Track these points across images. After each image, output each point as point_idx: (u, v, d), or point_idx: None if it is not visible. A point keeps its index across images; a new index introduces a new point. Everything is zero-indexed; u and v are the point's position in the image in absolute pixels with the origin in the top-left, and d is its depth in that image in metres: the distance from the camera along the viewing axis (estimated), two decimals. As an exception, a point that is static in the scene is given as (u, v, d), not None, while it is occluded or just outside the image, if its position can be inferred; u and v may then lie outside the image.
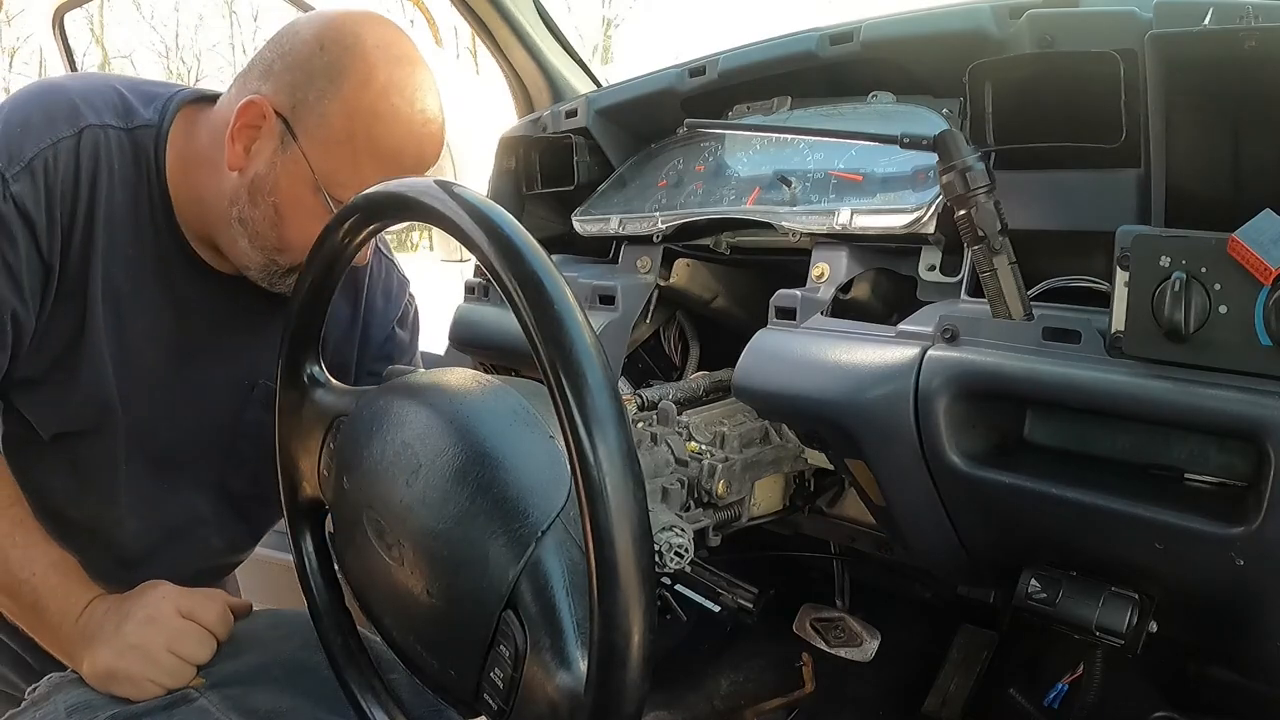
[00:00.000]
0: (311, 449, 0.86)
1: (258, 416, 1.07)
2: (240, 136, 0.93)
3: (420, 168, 0.96)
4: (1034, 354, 0.77)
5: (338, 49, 0.92)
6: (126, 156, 0.95)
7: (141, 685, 0.88)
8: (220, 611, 0.95)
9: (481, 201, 0.61)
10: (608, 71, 1.73)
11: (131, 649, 0.88)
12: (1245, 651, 0.81)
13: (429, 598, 0.69)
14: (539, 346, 0.54)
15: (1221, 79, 0.73)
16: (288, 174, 0.93)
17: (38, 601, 0.92)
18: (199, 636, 0.92)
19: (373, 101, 0.91)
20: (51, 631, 0.92)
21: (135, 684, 0.88)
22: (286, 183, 0.93)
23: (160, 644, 0.89)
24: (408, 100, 0.92)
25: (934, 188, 0.93)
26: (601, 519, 0.52)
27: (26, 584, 0.92)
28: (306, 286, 0.83)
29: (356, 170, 0.92)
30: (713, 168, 1.21)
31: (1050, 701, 1.11)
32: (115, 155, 0.94)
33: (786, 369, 0.92)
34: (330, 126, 0.91)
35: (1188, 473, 0.76)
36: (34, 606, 0.92)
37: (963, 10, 0.96)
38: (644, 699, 0.55)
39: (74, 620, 0.91)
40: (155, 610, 0.91)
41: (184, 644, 0.90)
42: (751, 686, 1.51)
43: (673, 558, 0.84)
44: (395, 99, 0.92)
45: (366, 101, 0.91)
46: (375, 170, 0.92)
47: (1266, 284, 0.64)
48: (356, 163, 0.92)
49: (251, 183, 0.94)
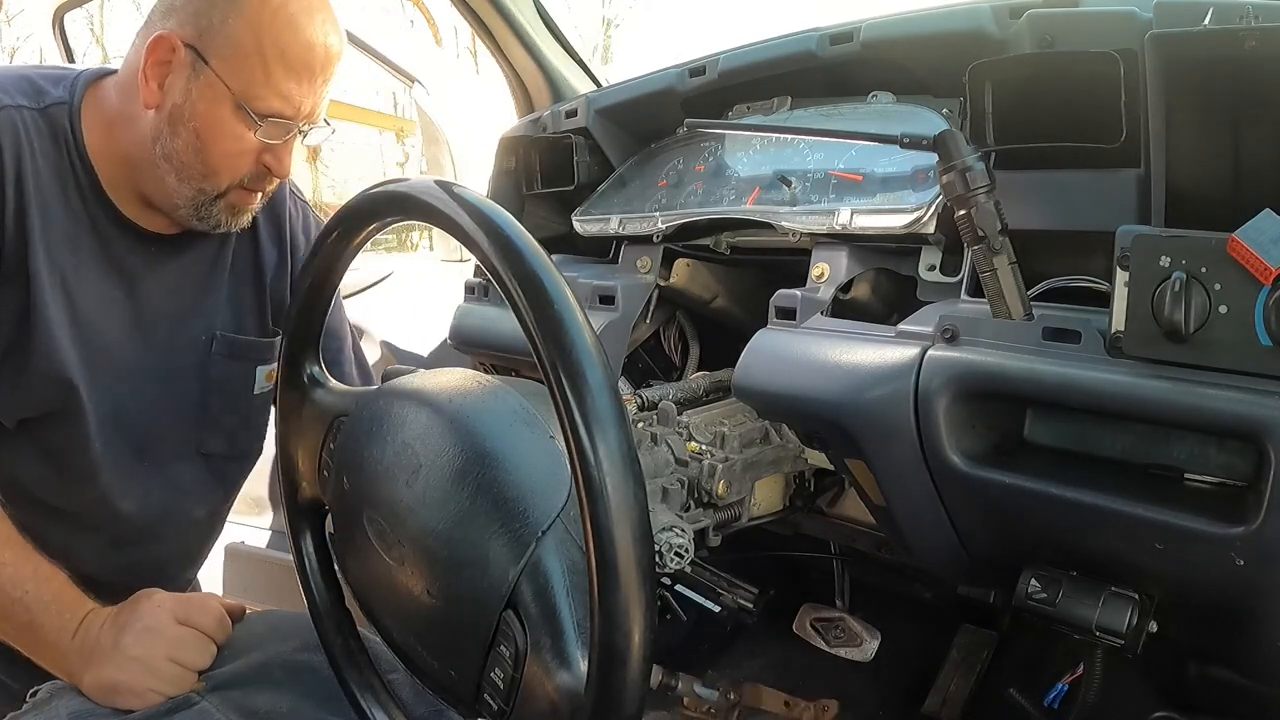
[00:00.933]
0: (312, 449, 0.86)
1: (222, 370, 1.11)
2: (153, 74, 0.97)
3: (329, 65, 1.00)
4: (1034, 354, 0.77)
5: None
6: (44, 134, 0.98)
7: (144, 696, 0.88)
8: (217, 615, 0.95)
9: (481, 201, 0.61)
10: (608, 71, 1.73)
11: (132, 660, 0.88)
12: (1245, 651, 0.81)
13: (429, 598, 0.69)
14: (539, 346, 0.54)
15: (1221, 79, 0.73)
16: (204, 98, 0.96)
17: (32, 620, 0.91)
18: (198, 643, 0.92)
19: (274, 13, 0.96)
20: (49, 649, 0.92)
21: (138, 695, 0.88)
22: (204, 106, 0.97)
23: (160, 653, 0.89)
24: (308, 9, 0.98)
25: (934, 188, 0.93)
26: (602, 519, 0.52)
27: (19, 603, 0.91)
28: (306, 287, 0.83)
29: (269, 79, 0.97)
30: (713, 168, 1.21)
31: (1050, 701, 1.11)
32: (34, 134, 0.97)
33: (786, 369, 0.92)
34: (238, 44, 0.96)
35: (1188, 473, 0.76)
36: (29, 625, 0.91)
37: (963, 10, 0.96)
38: (644, 699, 0.55)
39: (70, 636, 0.90)
40: (152, 620, 0.91)
41: (184, 651, 0.91)
42: (751, 687, 1.50)
43: (673, 558, 0.84)
44: (295, 8, 0.97)
45: (267, 14, 0.96)
46: (287, 76, 0.97)
47: (1266, 284, 0.64)
48: (269, 72, 0.96)
49: (170, 115, 0.97)
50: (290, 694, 0.93)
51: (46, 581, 0.93)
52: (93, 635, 0.90)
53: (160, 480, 1.11)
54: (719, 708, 1.38)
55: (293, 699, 0.93)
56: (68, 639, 0.90)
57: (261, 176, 1.02)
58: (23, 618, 0.91)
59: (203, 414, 1.12)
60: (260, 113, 0.97)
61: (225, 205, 1.02)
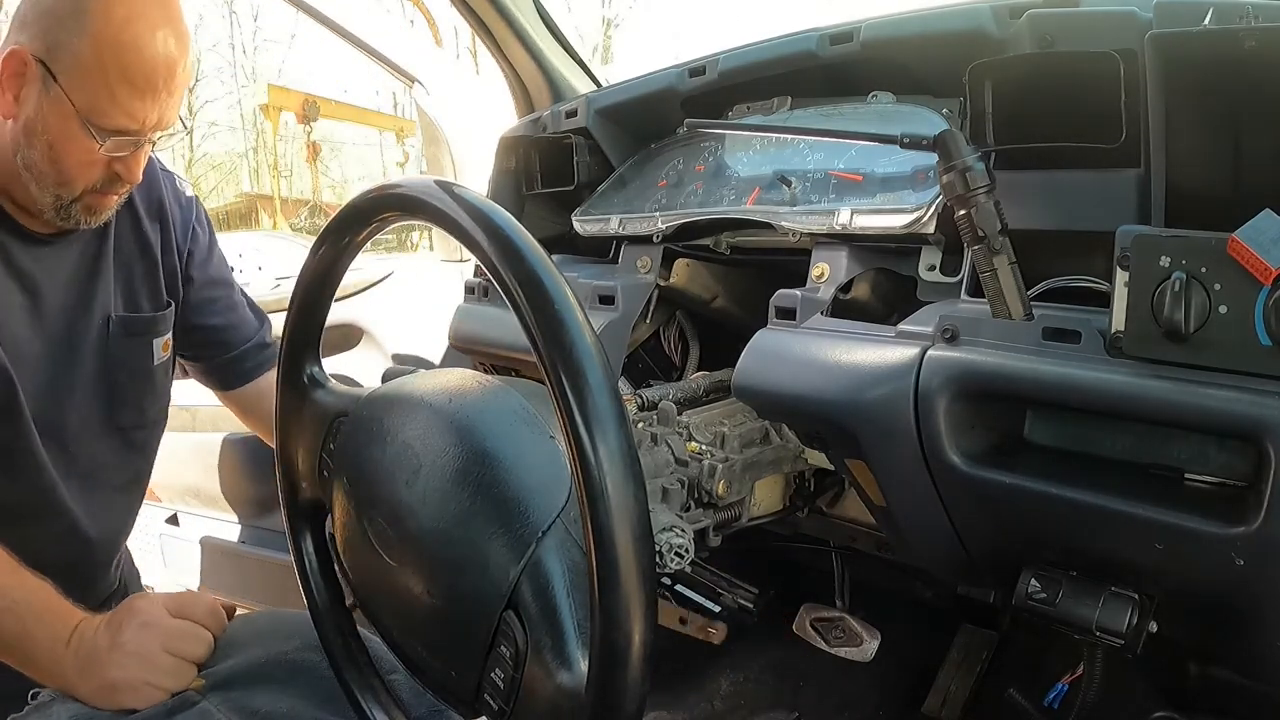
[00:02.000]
0: (311, 449, 0.86)
1: (121, 348, 1.19)
2: (9, 86, 1.00)
3: (173, 76, 1.02)
4: (1034, 354, 0.77)
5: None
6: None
7: (144, 692, 0.88)
8: (210, 606, 0.96)
9: (482, 201, 0.61)
10: (608, 71, 1.73)
11: (130, 657, 0.88)
12: (1245, 651, 0.81)
13: (429, 598, 0.69)
14: (539, 346, 0.54)
15: (1221, 79, 0.73)
16: (54, 113, 0.99)
17: (25, 630, 0.91)
18: (195, 633, 0.92)
19: (116, 33, 0.97)
20: (44, 659, 0.91)
21: (137, 691, 0.88)
22: (54, 120, 1.00)
23: (157, 646, 0.89)
24: (150, 27, 0.99)
25: (934, 188, 0.93)
26: (602, 519, 0.52)
27: (9, 612, 0.91)
28: (306, 288, 0.83)
29: (114, 98, 0.99)
30: (713, 168, 1.21)
31: (1050, 701, 1.11)
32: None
33: (786, 369, 0.92)
34: (83, 62, 0.98)
35: (1188, 473, 0.76)
36: (21, 636, 0.91)
37: (963, 10, 0.96)
38: (644, 699, 0.55)
39: (64, 644, 0.90)
40: (146, 616, 0.91)
41: (181, 643, 0.91)
42: (751, 686, 1.51)
43: (673, 558, 0.84)
44: (138, 26, 0.98)
45: (110, 34, 0.97)
46: (131, 95, 0.99)
47: (1266, 284, 0.64)
48: (112, 92, 0.99)
49: (25, 127, 1.01)
50: (290, 694, 0.93)
51: (34, 593, 0.93)
52: (88, 640, 0.90)
53: (86, 460, 1.18)
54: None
55: (293, 699, 0.93)
56: (62, 647, 0.90)
57: (114, 180, 1.06)
58: (14, 628, 0.91)
59: (114, 390, 1.19)
60: (105, 129, 1.00)
61: (82, 207, 1.06)
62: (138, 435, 1.25)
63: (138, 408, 1.23)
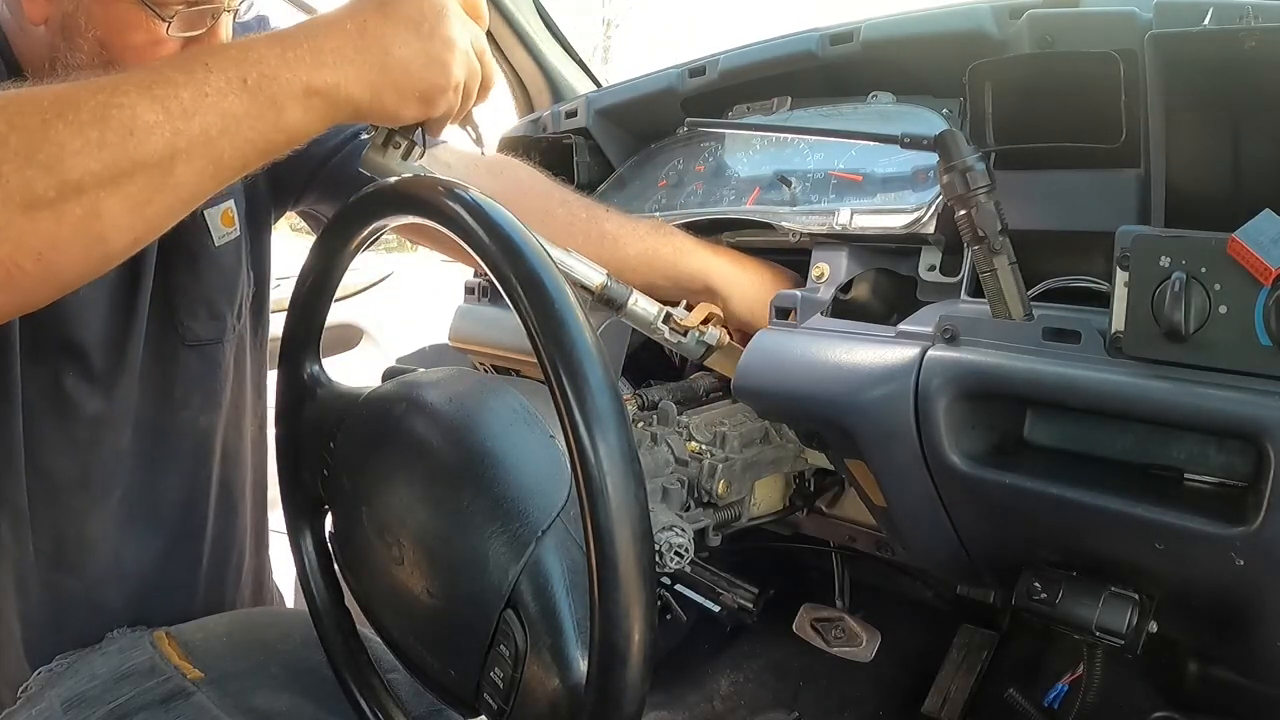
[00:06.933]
0: (312, 449, 0.86)
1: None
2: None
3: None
4: (1034, 354, 0.77)
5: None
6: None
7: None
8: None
9: (482, 201, 0.61)
10: (608, 71, 1.73)
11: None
12: (1245, 651, 0.81)
13: (429, 597, 0.69)
14: (540, 346, 0.54)
15: (1221, 79, 0.73)
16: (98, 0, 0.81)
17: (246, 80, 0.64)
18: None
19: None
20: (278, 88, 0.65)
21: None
22: (101, 7, 0.82)
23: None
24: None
25: (934, 188, 0.93)
26: (602, 518, 0.52)
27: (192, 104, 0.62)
28: (306, 287, 0.83)
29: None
30: (713, 168, 1.21)
31: (1050, 701, 1.11)
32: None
33: (786, 369, 0.92)
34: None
35: (1188, 473, 0.76)
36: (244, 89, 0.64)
37: (963, 10, 0.96)
38: (644, 699, 0.55)
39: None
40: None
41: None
42: (751, 686, 1.51)
43: (673, 558, 0.84)
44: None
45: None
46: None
47: (1266, 284, 0.64)
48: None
49: (64, 27, 0.82)
50: (289, 692, 0.93)
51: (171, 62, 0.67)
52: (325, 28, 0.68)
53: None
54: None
55: (291, 697, 0.93)
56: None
57: None
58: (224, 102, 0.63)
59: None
60: (165, 3, 0.81)
61: None
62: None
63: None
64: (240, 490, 1.12)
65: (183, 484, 1.04)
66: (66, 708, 0.87)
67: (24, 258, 0.57)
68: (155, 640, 0.96)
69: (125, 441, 0.98)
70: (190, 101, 0.61)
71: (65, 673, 0.91)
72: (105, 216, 0.59)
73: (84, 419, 0.94)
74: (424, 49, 0.70)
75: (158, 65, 0.64)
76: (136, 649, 0.95)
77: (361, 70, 0.68)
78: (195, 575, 1.07)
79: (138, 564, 1.00)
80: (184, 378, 1.02)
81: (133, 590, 1.00)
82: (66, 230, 0.58)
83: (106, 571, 0.98)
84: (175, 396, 1.02)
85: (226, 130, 0.62)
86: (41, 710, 0.88)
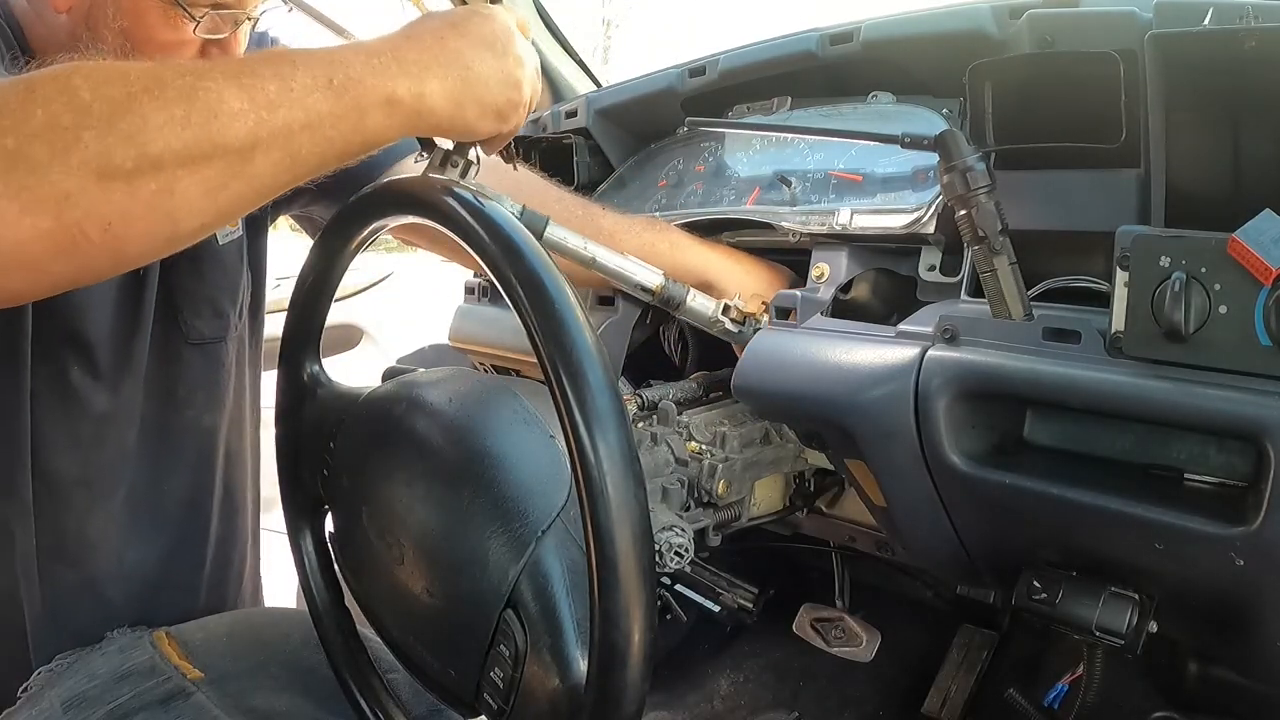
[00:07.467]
0: (312, 449, 0.86)
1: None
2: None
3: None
4: (1034, 354, 0.77)
5: None
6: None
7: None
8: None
9: (482, 201, 0.61)
10: (608, 71, 1.73)
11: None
12: (1245, 651, 0.81)
13: (429, 597, 0.69)
14: (540, 346, 0.54)
15: (1221, 79, 0.73)
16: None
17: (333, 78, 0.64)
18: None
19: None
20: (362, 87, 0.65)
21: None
22: (129, 1, 0.82)
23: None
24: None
25: (934, 188, 0.93)
26: (602, 518, 0.52)
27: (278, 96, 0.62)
28: (306, 287, 0.83)
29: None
30: (713, 168, 1.21)
31: (1050, 701, 1.11)
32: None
33: (786, 369, 0.92)
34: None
35: (1188, 473, 0.76)
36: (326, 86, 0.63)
37: (963, 10, 0.96)
38: (644, 699, 0.55)
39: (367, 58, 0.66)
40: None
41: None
42: (751, 686, 1.51)
43: (673, 558, 0.84)
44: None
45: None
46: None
47: (1266, 284, 0.64)
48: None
49: (89, 16, 0.83)
50: (288, 692, 0.93)
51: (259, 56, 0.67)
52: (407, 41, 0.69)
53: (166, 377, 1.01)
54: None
55: (291, 697, 0.93)
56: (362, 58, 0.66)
57: None
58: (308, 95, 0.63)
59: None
60: (199, 2, 0.82)
61: None
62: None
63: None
64: (243, 491, 1.12)
65: (187, 484, 1.05)
66: (66, 708, 0.87)
67: (92, 226, 0.56)
68: (155, 640, 0.96)
69: (131, 440, 0.99)
70: (276, 94, 0.61)
71: (65, 672, 0.91)
72: (178, 196, 0.58)
73: (90, 416, 0.94)
74: (500, 66, 0.72)
75: (245, 58, 0.64)
76: (136, 649, 0.95)
77: (445, 83, 0.69)
78: (199, 576, 1.07)
79: (141, 563, 1.00)
80: (187, 376, 1.03)
81: (135, 589, 1.00)
82: (139, 205, 0.57)
83: (109, 570, 0.98)
84: (179, 395, 1.02)
85: (308, 126, 0.62)
86: (41, 710, 0.88)
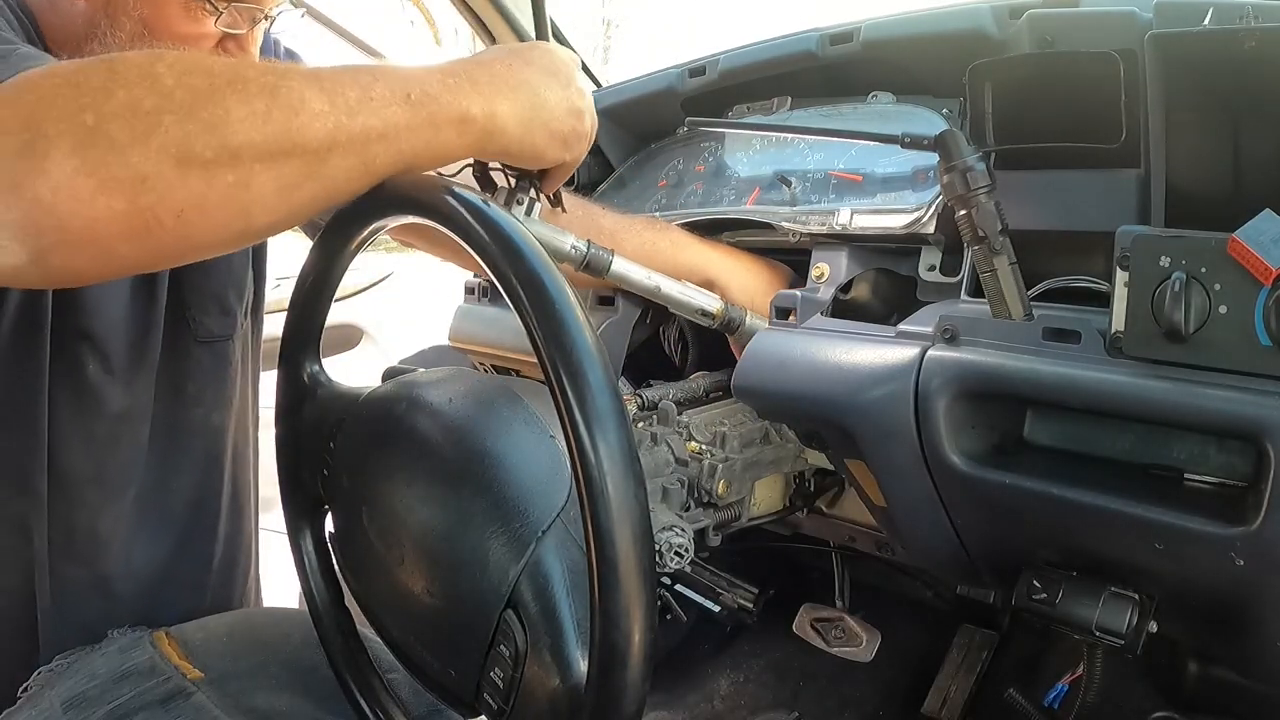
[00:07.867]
0: (312, 449, 0.86)
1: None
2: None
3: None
4: (1034, 354, 0.77)
5: None
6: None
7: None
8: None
9: (482, 200, 0.61)
10: (608, 71, 1.73)
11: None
12: (1245, 651, 0.81)
13: (429, 597, 0.69)
14: (540, 346, 0.54)
15: (1221, 79, 0.73)
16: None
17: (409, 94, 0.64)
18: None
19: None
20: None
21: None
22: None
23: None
24: None
25: (934, 188, 0.93)
26: (602, 519, 0.52)
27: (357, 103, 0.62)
28: (307, 286, 0.83)
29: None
30: (713, 168, 1.21)
31: (1050, 701, 1.11)
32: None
33: (786, 369, 0.92)
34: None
35: (1188, 473, 0.76)
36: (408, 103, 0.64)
37: (963, 10, 0.96)
38: (644, 699, 0.55)
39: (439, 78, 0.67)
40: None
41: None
42: (751, 686, 1.51)
43: (673, 558, 0.84)
44: None
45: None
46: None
47: (1266, 284, 0.64)
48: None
49: (108, 5, 0.83)
50: (288, 692, 0.93)
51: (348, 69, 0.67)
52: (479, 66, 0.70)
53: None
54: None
55: (291, 697, 0.93)
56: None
57: None
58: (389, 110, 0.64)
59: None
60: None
61: None
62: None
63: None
64: (248, 491, 1.13)
65: (195, 484, 1.05)
66: (66, 708, 0.87)
67: (165, 212, 0.56)
68: (155, 640, 0.96)
69: (143, 438, 0.99)
70: (356, 101, 0.61)
71: (65, 672, 0.91)
72: (254, 190, 0.58)
73: (105, 414, 0.94)
74: (565, 95, 0.73)
75: (322, 67, 0.65)
76: (136, 649, 0.95)
77: (515, 107, 0.70)
78: (205, 574, 1.07)
79: (149, 561, 1.00)
80: (196, 374, 1.03)
81: (143, 587, 1.01)
82: (215, 195, 0.57)
83: (118, 568, 0.98)
84: (189, 393, 1.02)
85: (385, 136, 0.63)
86: (41, 710, 0.88)
